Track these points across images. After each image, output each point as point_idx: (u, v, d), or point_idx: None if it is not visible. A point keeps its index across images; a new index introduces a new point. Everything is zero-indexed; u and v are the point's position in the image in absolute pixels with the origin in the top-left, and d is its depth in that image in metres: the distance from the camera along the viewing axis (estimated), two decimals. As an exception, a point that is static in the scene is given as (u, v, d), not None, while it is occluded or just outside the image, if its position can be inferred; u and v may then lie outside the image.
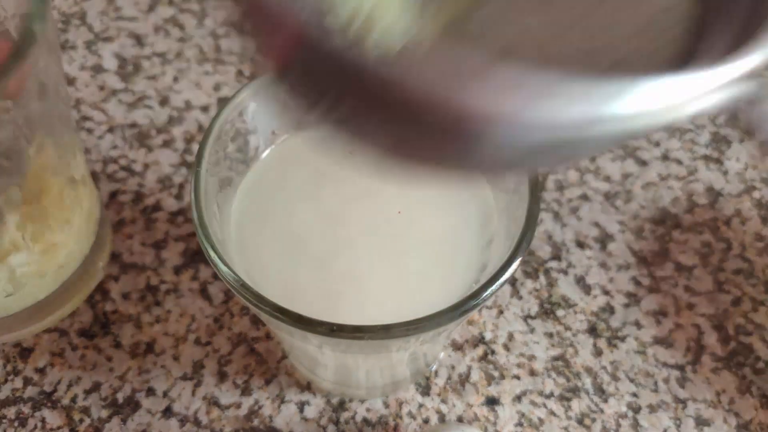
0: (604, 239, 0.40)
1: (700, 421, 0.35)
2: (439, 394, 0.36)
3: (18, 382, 0.36)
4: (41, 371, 0.36)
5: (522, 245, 0.22)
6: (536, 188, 0.23)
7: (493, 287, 0.22)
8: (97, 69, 0.47)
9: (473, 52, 0.12)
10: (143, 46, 0.47)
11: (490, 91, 0.12)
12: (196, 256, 0.39)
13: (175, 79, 0.46)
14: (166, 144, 0.43)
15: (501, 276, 0.22)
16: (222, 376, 0.36)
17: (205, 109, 0.44)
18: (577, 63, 0.16)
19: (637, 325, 0.38)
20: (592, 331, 0.37)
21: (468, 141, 0.13)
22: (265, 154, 0.29)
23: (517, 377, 0.36)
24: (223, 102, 0.27)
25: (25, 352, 0.37)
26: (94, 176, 0.41)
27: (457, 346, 0.37)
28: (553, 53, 0.17)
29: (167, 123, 0.44)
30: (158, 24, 0.48)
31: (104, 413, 0.35)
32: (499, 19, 0.17)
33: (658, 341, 0.37)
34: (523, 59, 0.16)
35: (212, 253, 0.23)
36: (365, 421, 0.35)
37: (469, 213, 0.28)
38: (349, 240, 0.27)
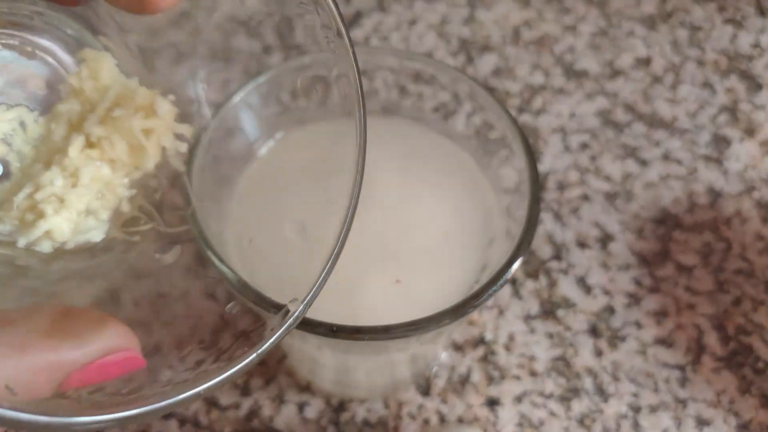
0: (605, 239, 0.40)
1: (701, 421, 0.35)
2: (439, 395, 0.35)
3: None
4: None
5: (523, 245, 0.22)
6: (537, 188, 0.23)
7: (494, 287, 0.22)
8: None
9: None
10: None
11: None
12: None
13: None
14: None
15: (502, 276, 0.22)
16: (222, 377, 0.36)
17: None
18: None
19: (638, 325, 0.38)
20: (593, 331, 0.37)
21: None
22: (263, 152, 0.29)
23: (518, 377, 0.36)
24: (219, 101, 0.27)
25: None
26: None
27: (458, 347, 0.37)
28: None
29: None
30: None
31: (104, 414, 0.35)
32: None
33: (659, 341, 0.37)
34: None
35: (208, 250, 0.23)
36: (365, 422, 0.35)
37: (470, 213, 0.28)
38: (349, 238, 0.27)
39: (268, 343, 0.19)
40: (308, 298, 0.20)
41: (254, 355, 0.19)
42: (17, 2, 0.21)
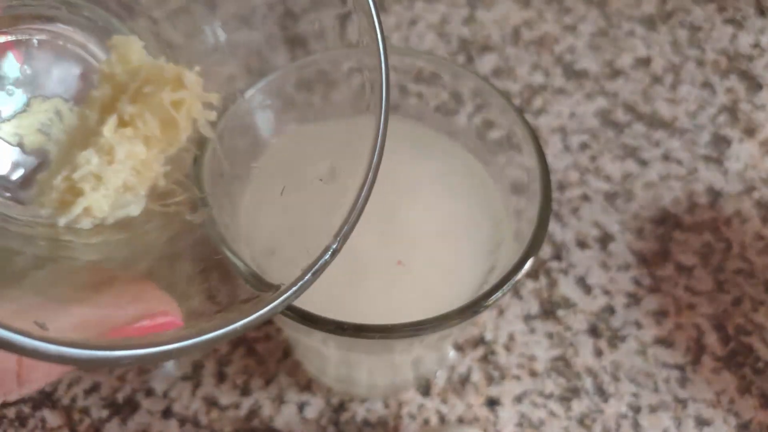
0: (605, 239, 0.40)
1: (700, 421, 0.35)
2: (439, 395, 0.35)
3: (14, 382, 0.35)
4: (38, 370, 0.36)
5: (534, 246, 0.22)
6: (548, 188, 0.23)
7: (504, 288, 0.22)
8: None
9: None
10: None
11: None
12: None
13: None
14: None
15: (513, 277, 0.22)
16: (222, 377, 0.35)
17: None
18: None
19: (638, 325, 0.38)
20: (593, 331, 0.37)
21: None
22: (273, 147, 0.29)
23: (518, 377, 0.36)
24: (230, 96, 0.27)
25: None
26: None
27: (458, 347, 0.37)
28: None
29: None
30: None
31: (104, 413, 0.35)
32: None
33: (659, 341, 0.37)
34: None
35: (219, 242, 0.23)
36: (365, 421, 0.35)
37: (476, 216, 0.27)
38: (357, 237, 0.27)
39: (305, 278, 0.19)
40: (344, 231, 0.20)
41: (290, 292, 0.19)
42: None
